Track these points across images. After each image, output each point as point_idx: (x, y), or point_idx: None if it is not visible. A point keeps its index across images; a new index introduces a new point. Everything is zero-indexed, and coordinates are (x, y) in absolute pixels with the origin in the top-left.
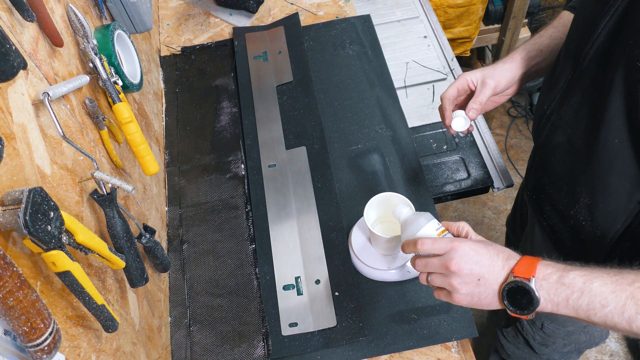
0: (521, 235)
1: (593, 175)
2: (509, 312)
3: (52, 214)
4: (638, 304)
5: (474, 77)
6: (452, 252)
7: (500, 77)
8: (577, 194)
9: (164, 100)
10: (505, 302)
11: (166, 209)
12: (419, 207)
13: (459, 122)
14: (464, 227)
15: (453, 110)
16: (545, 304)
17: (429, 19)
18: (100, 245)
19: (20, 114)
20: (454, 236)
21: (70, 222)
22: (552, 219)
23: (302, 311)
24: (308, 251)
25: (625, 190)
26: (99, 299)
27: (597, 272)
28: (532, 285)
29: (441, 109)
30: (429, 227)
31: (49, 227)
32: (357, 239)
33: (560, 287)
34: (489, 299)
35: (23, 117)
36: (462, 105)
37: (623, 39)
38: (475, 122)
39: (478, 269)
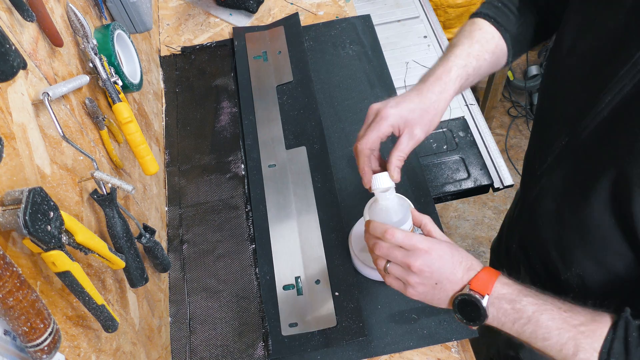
0: (506, 262)
1: (586, 251)
2: (455, 317)
3: (52, 214)
4: (577, 346)
5: (398, 121)
6: (419, 252)
7: (430, 126)
8: (568, 263)
9: (164, 100)
10: (456, 310)
11: (166, 209)
12: (419, 207)
13: (384, 181)
14: (427, 223)
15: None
16: (492, 321)
17: (429, 19)
18: (100, 245)
19: (20, 114)
20: (415, 225)
21: (70, 222)
22: (542, 277)
23: (302, 311)
24: (308, 251)
25: (621, 269)
26: (99, 299)
27: (550, 304)
28: (484, 302)
29: (359, 165)
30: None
31: (49, 227)
32: (357, 239)
33: (511, 310)
34: (441, 302)
35: (23, 117)
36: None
37: (627, 122)
38: (475, 122)
39: (438, 275)
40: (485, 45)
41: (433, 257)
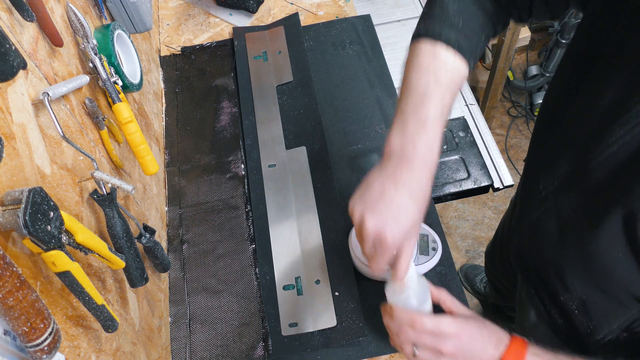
0: (501, 268)
1: (589, 279)
2: None
3: (51, 214)
4: None
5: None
6: (448, 336)
7: None
8: (569, 286)
9: (164, 100)
10: None
11: (166, 209)
12: None
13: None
14: (446, 299)
15: None
16: None
17: None
18: (100, 245)
19: (20, 114)
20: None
21: (70, 222)
22: (542, 294)
23: (302, 311)
24: (308, 251)
25: (626, 298)
26: (99, 299)
27: None
28: None
29: (387, 256)
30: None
31: (49, 227)
32: (357, 239)
33: None
34: None
35: (23, 117)
36: None
37: (637, 162)
38: (475, 122)
39: (470, 355)
40: (454, 89)
41: (463, 340)
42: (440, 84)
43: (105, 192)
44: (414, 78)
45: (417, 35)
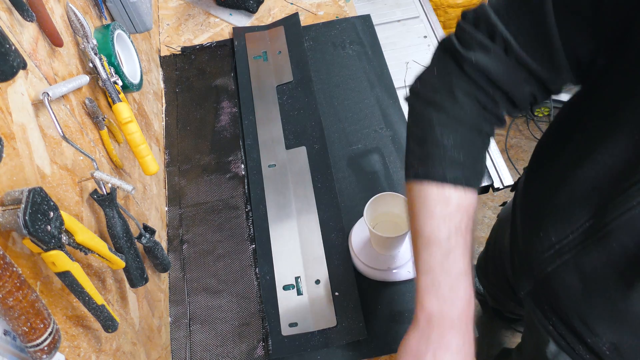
0: (495, 283)
1: (622, 329)
2: None
3: (51, 214)
4: None
5: None
6: None
7: None
8: (597, 333)
9: (164, 100)
10: None
11: (166, 209)
12: None
13: None
14: None
15: None
16: None
17: (429, 19)
18: (100, 245)
19: (20, 114)
20: None
21: (70, 222)
22: (563, 332)
23: (302, 311)
24: (308, 251)
25: None
26: (99, 299)
27: None
28: None
29: None
30: None
31: (49, 227)
32: (357, 239)
33: None
34: None
35: (23, 117)
36: None
37: None
38: None
39: None
40: (472, 225)
41: None
42: (460, 230)
43: (105, 192)
44: (429, 227)
45: (415, 177)
